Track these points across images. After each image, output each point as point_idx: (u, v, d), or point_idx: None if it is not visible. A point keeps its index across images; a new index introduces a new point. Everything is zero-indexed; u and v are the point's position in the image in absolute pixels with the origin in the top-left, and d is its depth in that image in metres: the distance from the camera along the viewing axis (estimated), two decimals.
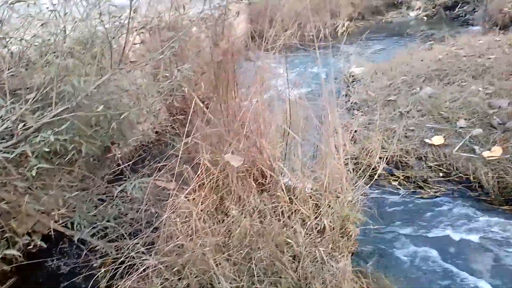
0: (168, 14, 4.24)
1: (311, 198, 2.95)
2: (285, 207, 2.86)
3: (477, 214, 3.39)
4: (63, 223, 3.16)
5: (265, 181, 3.13)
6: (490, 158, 3.79)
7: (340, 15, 12.70)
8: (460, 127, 4.41)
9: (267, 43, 3.39)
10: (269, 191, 3.07)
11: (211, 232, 2.77)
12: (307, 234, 2.75)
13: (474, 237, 3.15)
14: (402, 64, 6.98)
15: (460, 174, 3.87)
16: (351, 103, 5.93)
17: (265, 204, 2.89)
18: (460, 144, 4.13)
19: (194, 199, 3.04)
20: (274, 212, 2.89)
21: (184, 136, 2.81)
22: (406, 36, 10.46)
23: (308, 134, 3.35)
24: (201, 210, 2.90)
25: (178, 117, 3.92)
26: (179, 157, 2.93)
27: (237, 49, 3.10)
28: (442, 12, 12.28)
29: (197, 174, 3.10)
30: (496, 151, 3.83)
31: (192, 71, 2.95)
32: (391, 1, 13.48)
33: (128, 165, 3.48)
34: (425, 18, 12.40)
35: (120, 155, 3.20)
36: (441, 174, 3.98)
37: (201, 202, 3.02)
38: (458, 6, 11.93)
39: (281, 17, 3.67)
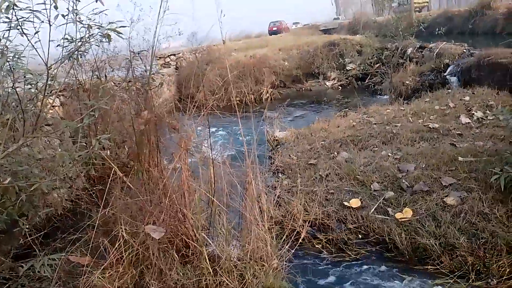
0: (89, 81, 4.17)
1: (236, 268, 2.90)
2: (209, 280, 2.76)
3: (394, 276, 3.55)
4: None
5: (189, 252, 3.03)
6: (402, 220, 4.05)
7: (264, 83, 13.46)
8: (375, 190, 4.71)
9: (193, 108, 3.46)
10: (192, 262, 2.97)
11: None
12: None
13: None
14: (321, 130, 7.45)
15: (377, 236, 4.06)
16: (276, 166, 6.11)
17: (188, 278, 2.77)
18: (375, 206, 4.39)
19: (110, 275, 2.83)
20: (198, 285, 2.78)
21: (102, 206, 2.66)
22: (323, 104, 11.28)
23: (232, 201, 3.36)
24: None
25: (97, 186, 3.73)
26: (95, 229, 2.76)
27: (160, 118, 3.11)
28: (354, 83, 13.55)
29: (115, 247, 2.92)
30: (407, 213, 4.12)
31: (112, 140, 2.88)
32: (309, 71, 14.60)
33: (38, 238, 3.19)
34: (340, 87, 13.57)
35: (28, 229, 2.93)
36: (360, 236, 4.15)
37: (119, 278, 2.82)
38: (368, 78, 13.25)
39: (209, 82, 3.80)
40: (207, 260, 2.79)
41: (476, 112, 6.53)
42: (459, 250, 3.50)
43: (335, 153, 6.03)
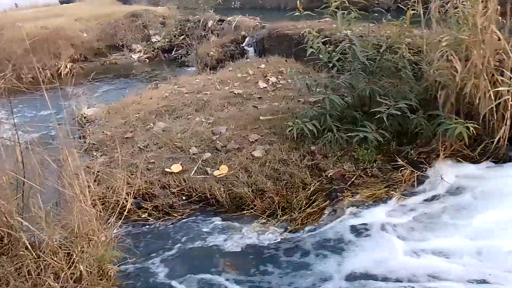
0: None
1: (61, 248, 2.75)
2: (31, 265, 2.56)
3: (217, 225, 3.96)
4: None
5: (1, 243, 2.71)
6: (220, 176, 4.48)
7: (61, 56, 12.15)
8: (193, 154, 5.01)
9: None
10: (8, 253, 2.67)
11: None
12: (62, 287, 2.55)
13: (220, 243, 3.67)
14: (133, 103, 7.30)
15: (200, 194, 4.38)
16: (88, 144, 5.78)
17: (5, 269, 2.50)
18: (195, 168, 4.69)
19: None
20: (19, 274, 2.54)
21: None
22: (132, 77, 11.00)
23: (47, 181, 3.11)
24: None
25: None
26: None
27: None
28: (161, 55, 13.51)
29: None
30: (223, 169, 4.57)
31: None
32: (112, 44, 13.84)
33: None
34: (147, 60, 13.33)
35: None
36: (184, 198, 4.40)
37: None
38: (174, 50, 13.41)
39: None
40: (28, 246, 2.56)
41: (271, 77, 7.51)
42: (268, 193, 4.14)
43: (151, 124, 6.07)
